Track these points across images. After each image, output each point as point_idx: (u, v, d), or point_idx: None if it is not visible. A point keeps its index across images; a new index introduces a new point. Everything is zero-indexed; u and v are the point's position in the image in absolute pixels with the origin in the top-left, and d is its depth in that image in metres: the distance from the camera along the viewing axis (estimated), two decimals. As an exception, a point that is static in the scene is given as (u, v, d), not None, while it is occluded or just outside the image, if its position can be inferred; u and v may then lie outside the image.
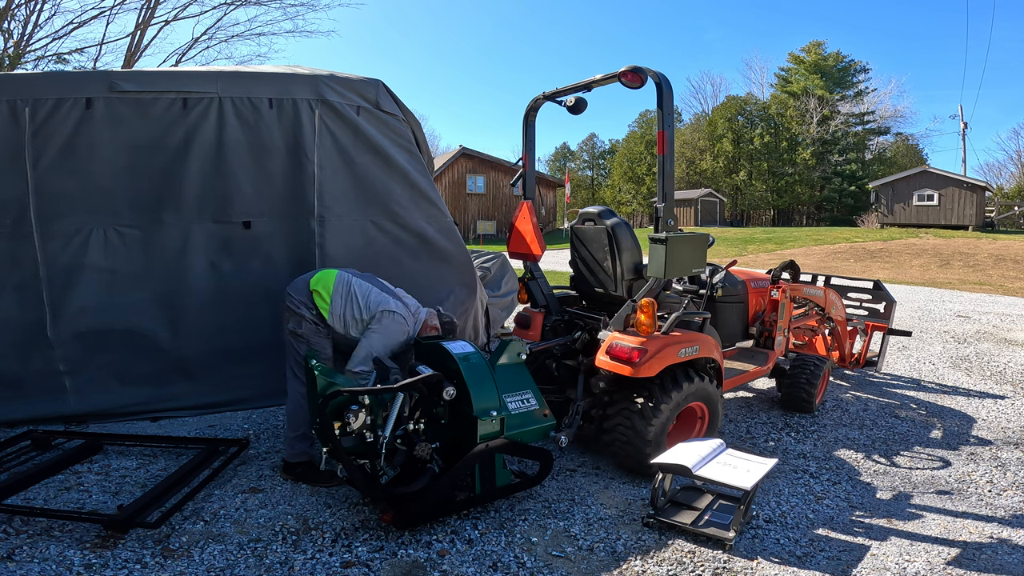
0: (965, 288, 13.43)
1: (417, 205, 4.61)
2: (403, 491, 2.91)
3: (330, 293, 3.37)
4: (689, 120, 49.41)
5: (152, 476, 3.49)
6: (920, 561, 2.81)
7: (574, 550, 2.85)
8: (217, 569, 2.63)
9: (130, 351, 4.23)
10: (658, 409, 3.45)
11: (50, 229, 4.03)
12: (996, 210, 30.61)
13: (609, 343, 3.55)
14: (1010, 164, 44.63)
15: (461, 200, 32.13)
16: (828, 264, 18.21)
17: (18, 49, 16.00)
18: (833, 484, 3.62)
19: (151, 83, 4.11)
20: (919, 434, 4.49)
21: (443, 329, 3.64)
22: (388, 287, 3.55)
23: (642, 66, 3.48)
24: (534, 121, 4.48)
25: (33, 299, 4.04)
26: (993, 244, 20.11)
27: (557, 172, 60.18)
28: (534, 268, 4.48)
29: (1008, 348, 7.30)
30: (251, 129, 4.25)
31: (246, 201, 4.30)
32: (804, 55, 44.10)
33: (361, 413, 2.82)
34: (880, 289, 6.00)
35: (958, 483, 3.69)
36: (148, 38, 23.47)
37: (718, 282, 4.23)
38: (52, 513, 2.92)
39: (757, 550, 2.88)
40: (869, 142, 44.09)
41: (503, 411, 3.03)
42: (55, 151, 3.98)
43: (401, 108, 4.60)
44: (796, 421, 4.70)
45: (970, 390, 5.62)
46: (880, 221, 29.35)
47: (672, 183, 3.54)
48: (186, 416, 4.41)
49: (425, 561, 2.72)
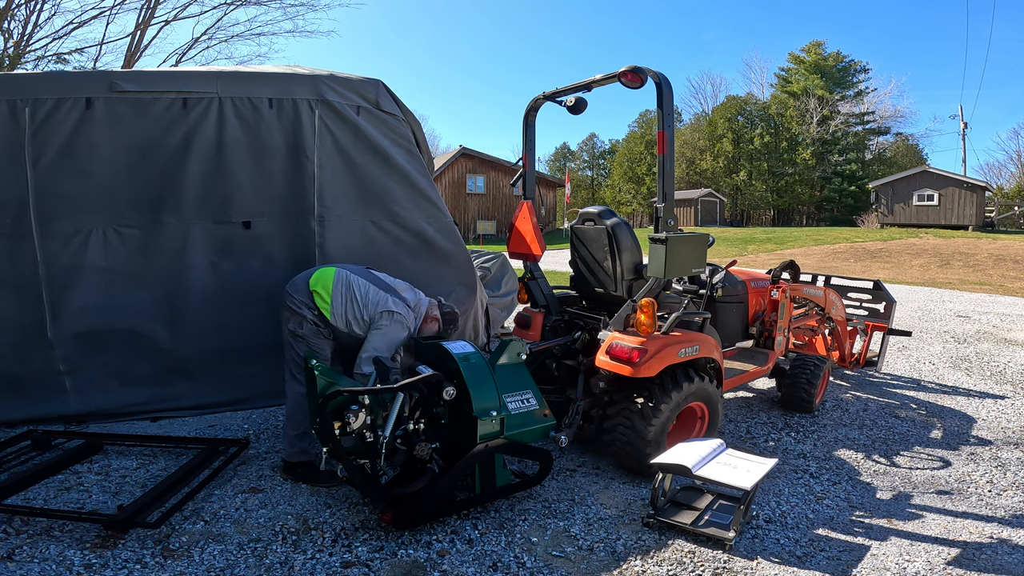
0: (965, 288, 13.43)
1: (417, 205, 4.60)
2: (403, 491, 2.91)
3: (330, 293, 3.37)
4: (689, 120, 49.47)
5: (152, 476, 3.49)
6: (920, 561, 2.81)
7: (574, 550, 2.85)
8: (217, 569, 2.63)
9: (130, 351, 4.23)
10: (658, 409, 3.45)
11: (50, 229, 4.03)
12: (996, 210, 30.61)
13: (609, 343, 3.55)
14: (1010, 164, 44.68)
15: (461, 200, 32.12)
16: (828, 264, 18.21)
17: (18, 49, 16.00)
18: (833, 484, 3.62)
19: (151, 83, 4.11)
20: (919, 434, 4.49)
21: (444, 320, 3.64)
22: (386, 282, 3.54)
23: (642, 66, 3.48)
24: (534, 121, 4.48)
25: (33, 299, 4.04)
26: (993, 244, 20.11)
27: (557, 172, 60.17)
28: (534, 268, 4.49)
29: (1008, 348, 7.30)
30: (251, 129, 4.24)
31: (246, 201, 4.30)
32: (804, 55, 44.10)
33: (361, 413, 2.82)
34: (880, 289, 6.00)
35: (958, 483, 3.69)
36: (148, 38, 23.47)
37: (718, 282, 4.23)
38: (52, 513, 2.92)
39: (757, 550, 2.88)
40: (869, 142, 44.08)
41: (503, 411, 3.03)
42: (55, 151, 3.97)
43: (401, 108, 4.60)
44: (796, 421, 4.70)
45: (970, 390, 5.62)
46: (880, 221, 29.35)
47: (672, 183, 3.54)
48: (186, 416, 4.40)
49: (425, 561, 2.72)
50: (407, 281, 3.73)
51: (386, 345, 3.28)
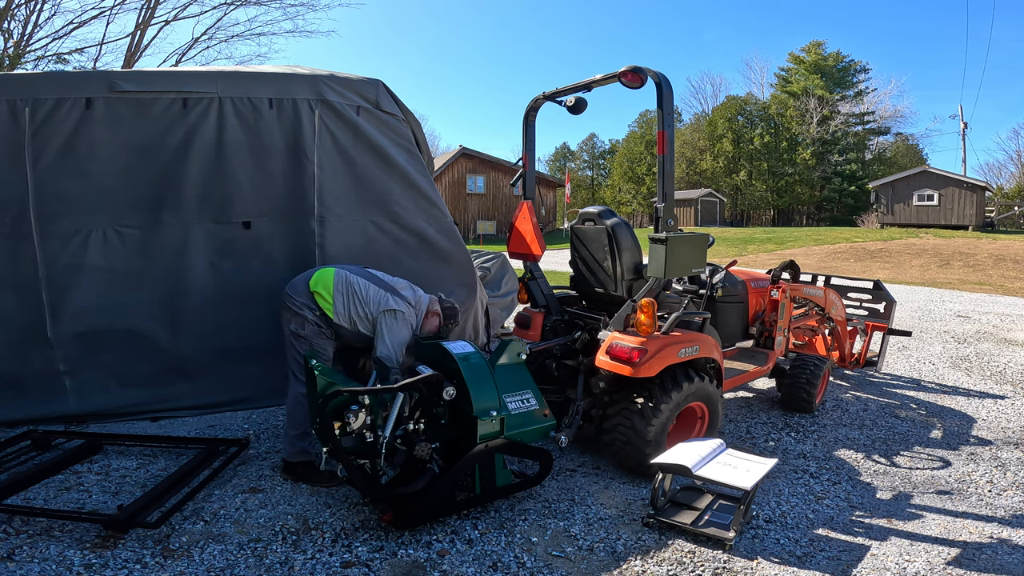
0: (965, 288, 13.42)
1: (417, 205, 4.61)
2: (403, 491, 2.91)
3: (331, 293, 3.37)
4: (689, 120, 49.46)
5: (152, 476, 3.49)
6: (920, 561, 2.81)
7: (574, 550, 2.85)
8: (217, 569, 2.63)
9: (130, 351, 4.23)
10: (658, 409, 3.45)
11: (50, 229, 4.03)
12: (996, 210, 30.61)
13: (609, 343, 3.55)
14: (1010, 164, 44.66)
15: (461, 200, 32.12)
16: (828, 264, 18.21)
17: (18, 49, 16.00)
18: (833, 484, 3.62)
19: (151, 83, 4.11)
20: (919, 434, 4.49)
21: (444, 315, 3.65)
22: (386, 281, 3.55)
23: (642, 66, 3.48)
24: (534, 121, 4.48)
25: (33, 299, 4.04)
26: (993, 244, 20.11)
27: (557, 172, 60.17)
28: (534, 268, 4.49)
29: (1008, 348, 7.30)
30: (251, 129, 4.24)
31: (246, 201, 4.30)
32: (804, 55, 44.09)
33: (361, 413, 2.82)
34: (880, 289, 6.00)
35: (958, 483, 3.69)
36: (148, 38, 23.47)
37: (718, 282, 4.23)
38: (52, 513, 2.92)
39: (757, 550, 2.88)
40: (869, 142, 44.08)
41: (503, 411, 3.03)
42: (55, 151, 3.97)
43: (401, 108, 4.60)
44: (796, 421, 4.69)
45: (970, 390, 5.62)
46: (880, 221, 29.34)
47: (672, 183, 3.54)
48: (186, 416, 4.40)
49: (425, 561, 2.72)
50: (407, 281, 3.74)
51: (396, 345, 3.29)
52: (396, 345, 3.29)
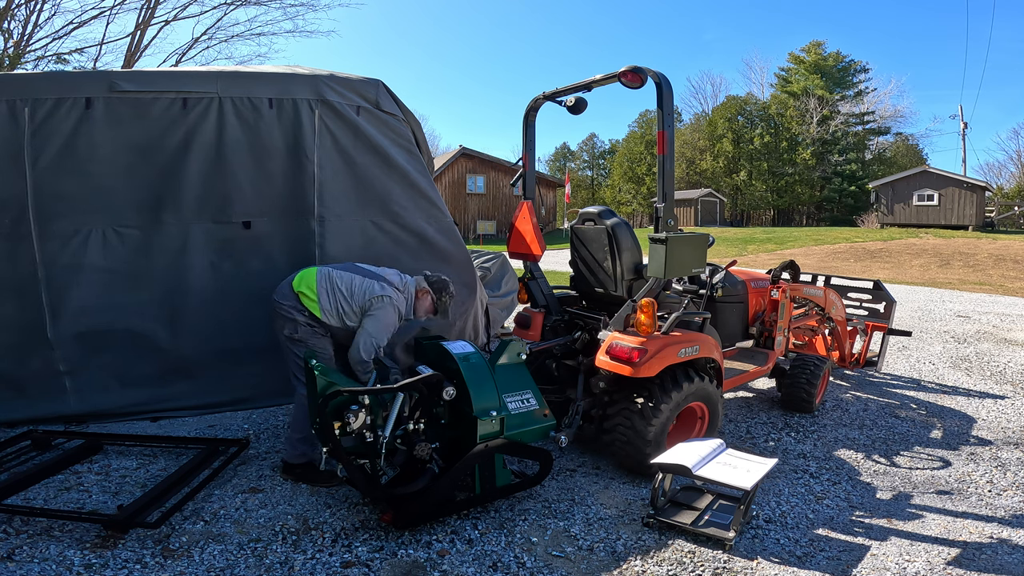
0: (965, 288, 13.42)
1: (417, 205, 4.61)
2: (403, 491, 2.91)
3: (314, 291, 3.38)
4: (689, 120, 49.43)
5: (152, 476, 3.49)
6: (920, 561, 2.81)
7: (574, 550, 2.85)
8: (217, 569, 2.63)
9: (130, 351, 4.23)
10: (658, 409, 3.45)
11: (49, 229, 4.03)
12: (996, 210, 30.60)
13: (609, 343, 3.55)
14: (1010, 164, 44.63)
15: (461, 200, 32.12)
16: (828, 264, 18.21)
17: (18, 49, 16.00)
18: (833, 484, 3.62)
19: (151, 83, 4.11)
20: (919, 434, 4.49)
21: (434, 289, 3.63)
22: (371, 271, 3.54)
23: (642, 66, 3.48)
24: (534, 121, 4.48)
25: (32, 299, 4.04)
26: (993, 244, 20.11)
27: (557, 172, 60.16)
28: (534, 268, 4.49)
29: (1008, 348, 7.30)
30: (251, 129, 4.24)
31: (246, 201, 4.30)
32: (804, 55, 44.08)
33: (361, 413, 2.82)
34: (880, 289, 6.00)
35: (958, 483, 3.69)
36: (148, 38, 23.45)
37: (718, 282, 4.23)
38: (52, 513, 2.92)
39: (757, 550, 2.88)
40: (869, 142, 44.06)
41: (503, 411, 3.03)
42: (54, 151, 3.97)
43: (401, 108, 4.60)
44: (796, 421, 4.69)
45: (970, 390, 5.62)
46: (880, 221, 29.34)
47: (672, 183, 3.54)
48: (186, 416, 4.40)
49: (425, 561, 2.72)
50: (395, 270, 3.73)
51: (380, 329, 3.29)
52: (380, 329, 3.29)
